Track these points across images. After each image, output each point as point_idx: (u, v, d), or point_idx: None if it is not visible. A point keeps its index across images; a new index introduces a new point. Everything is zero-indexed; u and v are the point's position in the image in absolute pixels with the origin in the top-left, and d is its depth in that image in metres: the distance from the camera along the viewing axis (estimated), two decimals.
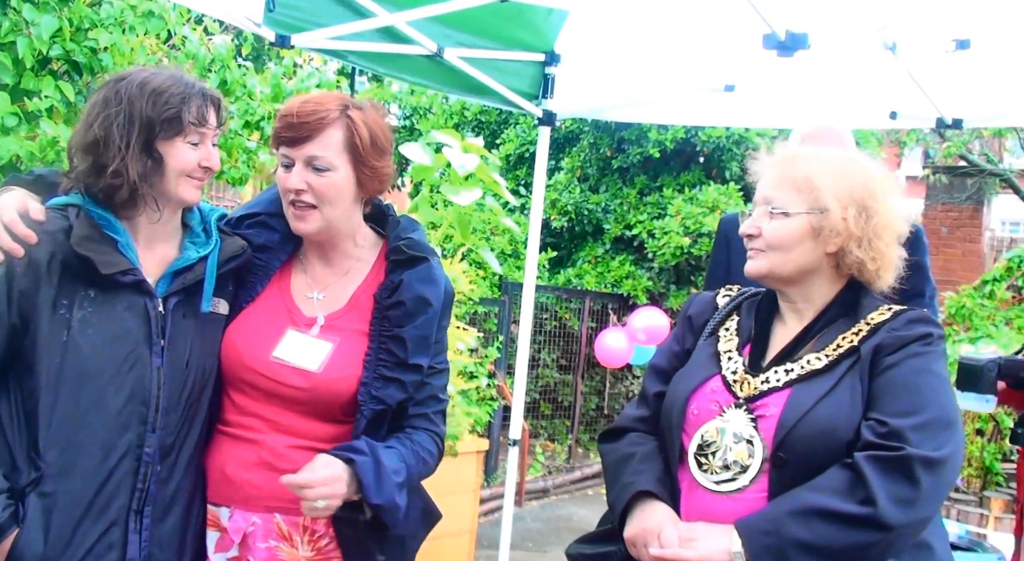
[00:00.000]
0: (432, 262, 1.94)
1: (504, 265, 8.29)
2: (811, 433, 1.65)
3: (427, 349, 1.92)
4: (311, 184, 1.85)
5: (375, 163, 1.90)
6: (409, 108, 11.63)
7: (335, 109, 1.86)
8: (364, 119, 1.88)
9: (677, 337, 1.99)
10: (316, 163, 1.85)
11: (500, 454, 7.45)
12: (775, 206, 1.77)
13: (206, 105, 1.85)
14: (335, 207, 1.88)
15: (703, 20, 3.49)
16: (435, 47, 3.58)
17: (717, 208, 8.62)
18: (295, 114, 1.85)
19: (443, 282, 1.96)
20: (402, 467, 1.83)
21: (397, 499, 1.80)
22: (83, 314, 1.75)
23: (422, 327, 1.91)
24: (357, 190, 1.91)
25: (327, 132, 1.85)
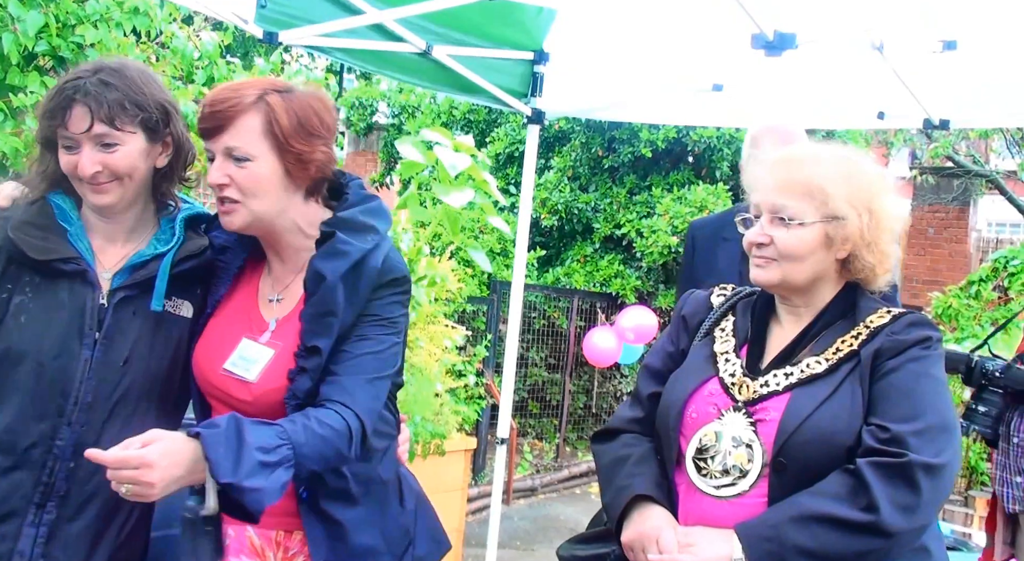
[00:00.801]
0: (339, 235, 1.76)
1: (493, 263, 8.29)
2: (812, 438, 1.64)
3: (326, 329, 1.73)
4: (232, 177, 1.73)
5: (301, 148, 1.75)
6: (398, 107, 11.61)
7: (251, 94, 1.73)
8: (285, 103, 1.74)
9: (671, 337, 1.97)
10: (234, 154, 1.72)
11: (488, 453, 7.45)
12: (789, 216, 1.73)
13: (67, 109, 1.73)
14: (262, 199, 1.75)
15: (691, 19, 3.49)
16: (424, 45, 3.57)
17: (705, 208, 8.63)
18: (209, 103, 1.74)
19: (354, 254, 1.75)
20: (278, 444, 1.59)
21: (261, 480, 1.54)
22: (21, 299, 1.73)
23: (317, 304, 1.74)
24: (286, 179, 1.76)
25: (242, 120, 1.72)
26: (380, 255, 1.79)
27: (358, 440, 1.71)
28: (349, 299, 1.75)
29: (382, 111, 12.06)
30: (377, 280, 1.78)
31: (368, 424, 1.73)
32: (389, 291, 1.80)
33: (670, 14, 3.48)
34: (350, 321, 1.76)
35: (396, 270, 1.81)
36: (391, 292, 1.80)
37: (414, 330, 4.84)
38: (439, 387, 4.74)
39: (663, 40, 3.71)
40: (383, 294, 1.79)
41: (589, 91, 4.27)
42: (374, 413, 1.77)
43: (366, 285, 1.76)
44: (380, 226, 1.83)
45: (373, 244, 1.78)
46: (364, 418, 1.72)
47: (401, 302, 1.83)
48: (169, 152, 1.86)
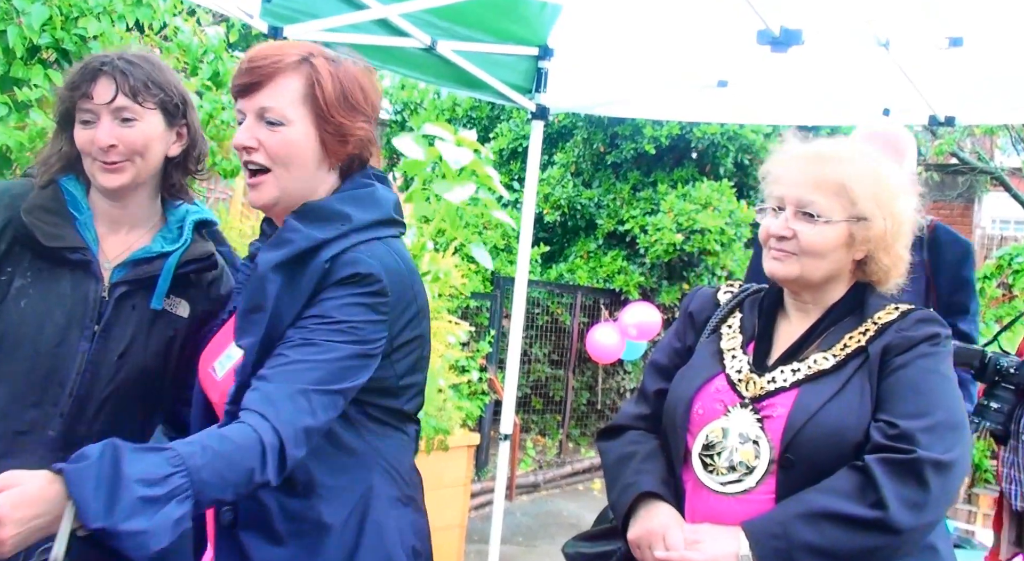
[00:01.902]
0: (289, 221, 1.58)
1: (496, 259, 8.29)
2: (819, 434, 1.63)
3: (253, 326, 1.53)
4: (262, 141, 1.58)
5: (342, 120, 1.60)
6: (400, 103, 11.60)
7: (296, 54, 1.60)
8: (332, 69, 1.61)
9: (677, 333, 1.95)
10: (268, 115, 1.58)
11: (491, 448, 7.45)
12: (817, 212, 1.72)
13: (92, 80, 1.74)
14: (293, 171, 1.60)
15: (696, 15, 3.48)
16: (428, 40, 3.57)
17: (710, 205, 8.63)
18: (248, 59, 1.60)
19: (299, 243, 1.54)
20: (168, 472, 1.31)
21: (143, 520, 1.26)
22: (22, 283, 1.72)
23: (247, 298, 1.56)
24: (321, 152, 1.61)
25: (282, 79, 1.58)
26: (337, 247, 1.54)
27: (275, 460, 1.42)
28: (287, 295, 1.52)
29: (384, 107, 12.05)
30: (325, 275, 1.53)
31: (290, 442, 1.43)
32: (346, 290, 1.53)
33: (675, 10, 3.47)
34: (289, 320, 1.52)
35: (358, 266, 1.54)
36: (349, 292, 1.53)
37: None
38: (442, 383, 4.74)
39: (668, 36, 3.71)
40: (338, 293, 1.53)
41: (593, 87, 4.26)
42: (301, 430, 1.45)
43: (310, 279, 1.53)
44: (357, 215, 1.59)
45: (333, 233, 1.55)
46: (284, 434, 1.43)
47: (367, 305, 1.54)
48: (183, 143, 1.86)
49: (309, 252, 1.54)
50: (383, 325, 1.56)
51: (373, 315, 1.54)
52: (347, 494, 1.60)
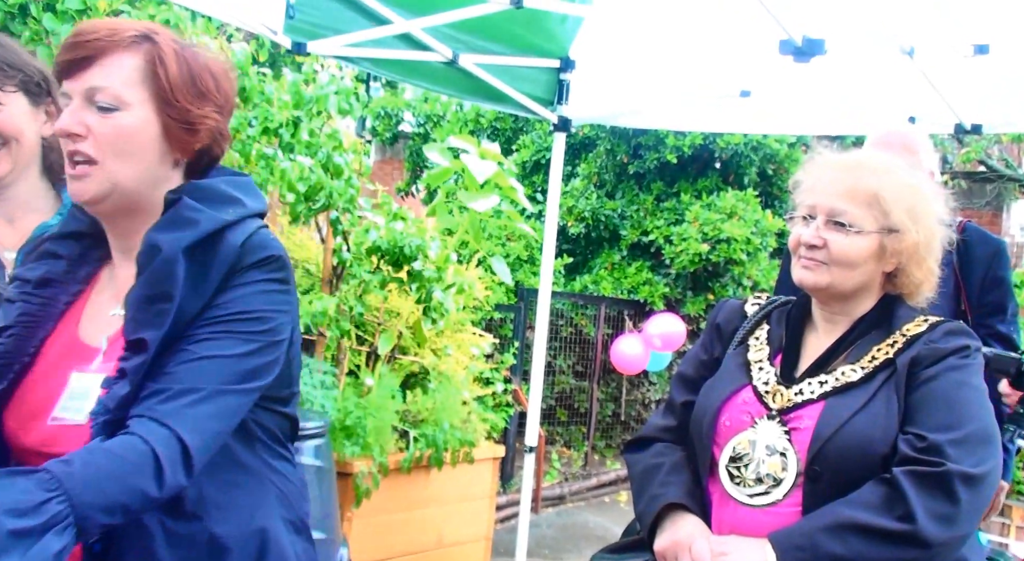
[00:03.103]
0: (186, 201, 1.35)
1: (520, 271, 8.29)
2: (846, 446, 1.62)
3: (157, 317, 1.29)
4: (92, 128, 1.34)
5: (188, 106, 1.37)
6: (423, 116, 11.66)
7: (134, 30, 1.37)
8: (178, 48, 1.39)
9: (704, 345, 1.96)
10: (98, 98, 1.34)
11: (516, 461, 7.43)
12: (849, 222, 1.71)
13: None
14: (127, 163, 1.35)
15: (718, 26, 3.48)
16: (450, 53, 3.59)
17: (735, 214, 8.59)
18: (75, 33, 1.36)
19: (207, 224, 1.33)
20: (43, 498, 1.13)
21: (16, 557, 1.10)
22: None
23: (147, 284, 1.31)
24: (163, 143, 1.38)
25: (117, 56, 1.35)
26: (242, 232, 1.36)
27: (173, 474, 1.22)
28: (195, 282, 1.32)
29: (407, 120, 12.11)
30: (237, 260, 1.34)
31: (196, 451, 1.24)
32: (256, 276, 1.35)
33: (697, 20, 3.47)
34: (194, 312, 1.32)
35: (267, 248, 1.37)
36: (259, 278, 1.35)
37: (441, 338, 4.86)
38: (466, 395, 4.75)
39: (690, 47, 3.71)
40: (247, 279, 1.34)
41: (616, 98, 4.27)
42: (209, 437, 1.27)
43: (220, 265, 1.33)
44: (248, 201, 1.41)
45: (235, 217, 1.37)
46: (189, 441, 1.24)
47: (277, 291, 1.37)
48: (53, 120, 1.77)
49: (215, 234, 1.34)
50: (289, 315, 1.41)
51: (282, 303, 1.38)
52: (243, 514, 1.38)
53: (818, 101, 3.89)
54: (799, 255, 1.76)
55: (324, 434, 3.32)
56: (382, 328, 4.50)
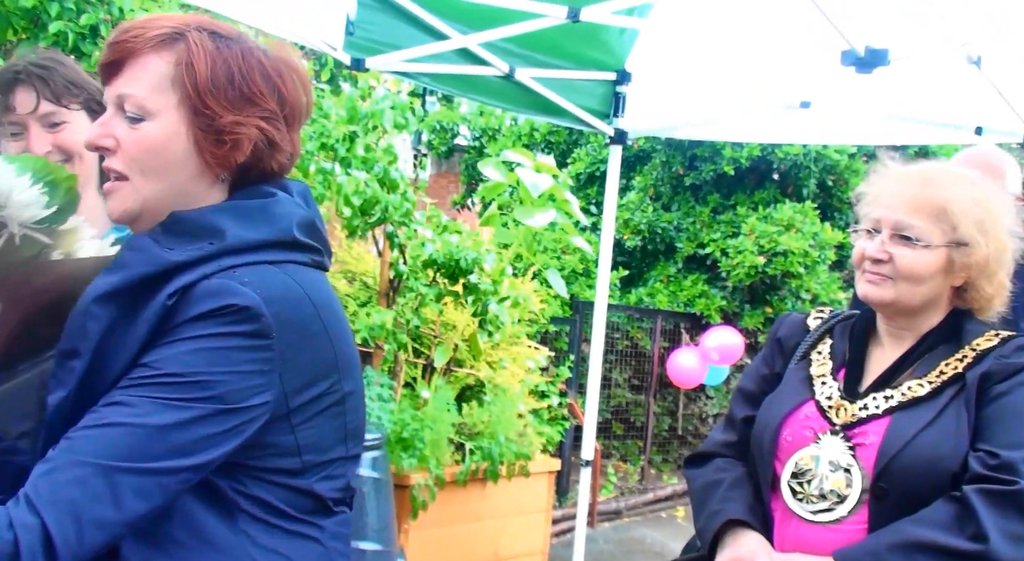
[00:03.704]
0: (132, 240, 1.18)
1: (575, 284, 8.27)
2: (914, 463, 1.58)
3: (66, 375, 1.12)
4: (120, 140, 1.19)
5: (221, 112, 1.18)
6: (478, 129, 11.73)
7: (166, 27, 1.19)
8: (214, 45, 1.19)
9: (765, 360, 1.93)
10: (126, 107, 1.19)
11: (572, 474, 7.40)
12: (915, 236, 1.67)
13: (9, 92, 1.70)
14: (153, 181, 1.19)
15: (778, 36, 3.44)
16: (507, 68, 3.61)
17: (793, 226, 8.48)
18: (114, 33, 1.21)
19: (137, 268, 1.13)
20: None
21: None
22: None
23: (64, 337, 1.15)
24: (195, 157, 1.20)
25: (144, 58, 1.18)
26: (195, 274, 1.11)
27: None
28: (116, 337, 1.10)
29: (463, 134, 12.20)
30: (165, 314, 1.10)
31: (66, 542, 1.00)
32: (199, 329, 1.09)
33: (756, 31, 3.44)
34: (118, 371, 1.10)
35: (221, 297, 1.10)
36: (203, 332, 1.09)
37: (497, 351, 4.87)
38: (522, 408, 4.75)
39: (748, 57, 3.67)
40: (184, 334, 1.09)
41: (673, 110, 4.25)
42: (89, 524, 1.02)
43: (147, 320, 1.10)
44: (235, 231, 1.16)
45: (193, 255, 1.13)
46: (55, 530, 1.00)
47: (233, 349, 1.09)
48: None
49: (152, 279, 1.12)
50: (263, 376, 1.11)
51: (243, 365, 1.10)
52: None
53: (880, 111, 3.82)
54: (863, 269, 1.73)
55: (381, 446, 3.35)
56: (438, 341, 4.52)
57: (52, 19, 3.74)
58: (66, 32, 3.74)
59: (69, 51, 3.80)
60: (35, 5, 3.72)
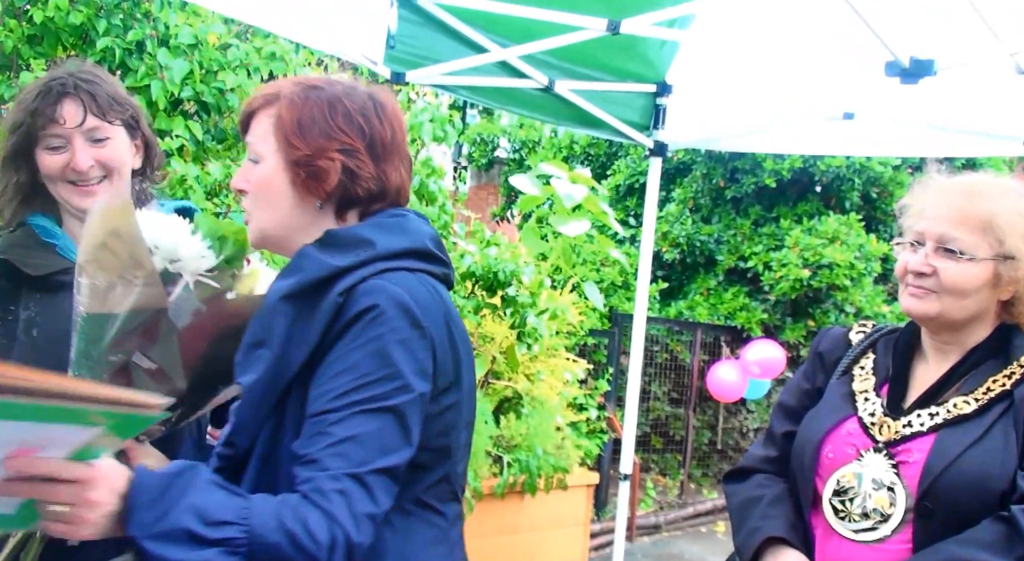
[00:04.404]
0: (304, 249, 1.41)
1: (614, 296, 8.24)
2: (960, 482, 1.55)
3: (253, 363, 1.36)
4: (249, 181, 1.48)
5: (304, 152, 1.41)
6: (518, 142, 11.77)
7: (270, 90, 1.48)
8: (301, 95, 1.44)
9: (806, 374, 1.90)
10: (250, 153, 1.49)
11: (610, 488, 7.35)
12: (960, 249, 1.65)
13: (56, 103, 1.70)
14: (267, 211, 1.45)
15: (820, 47, 3.40)
16: (546, 80, 3.61)
17: (837, 239, 8.37)
18: (244, 102, 1.54)
19: (311, 272, 1.35)
20: (229, 520, 1.21)
21: (174, 550, 1.18)
22: (28, 315, 1.70)
23: (250, 331, 1.39)
24: (291, 189, 1.43)
25: (258, 116, 1.48)
26: (353, 278, 1.34)
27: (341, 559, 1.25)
28: (297, 332, 1.33)
29: (503, 146, 12.25)
30: (337, 311, 1.32)
31: (357, 539, 1.25)
32: (372, 330, 1.31)
33: (798, 43, 3.40)
34: (298, 363, 1.33)
35: (378, 295, 1.32)
36: (376, 331, 1.31)
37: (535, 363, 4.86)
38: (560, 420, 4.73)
39: (791, 69, 3.64)
40: (362, 335, 1.31)
41: (714, 122, 4.22)
42: (368, 527, 1.27)
43: (322, 315, 1.32)
44: (382, 241, 1.39)
45: (351, 261, 1.35)
46: (352, 533, 1.25)
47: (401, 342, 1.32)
48: (141, 153, 1.86)
49: (323, 282, 1.34)
50: (427, 362, 1.35)
51: (409, 354, 1.32)
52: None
53: (925, 122, 3.76)
54: (906, 283, 1.70)
55: None
56: (476, 353, 4.52)
57: (100, 35, 3.81)
58: (113, 48, 3.81)
59: (116, 66, 3.88)
60: (83, 22, 3.80)
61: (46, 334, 1.71)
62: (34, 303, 1.72)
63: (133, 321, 1.47)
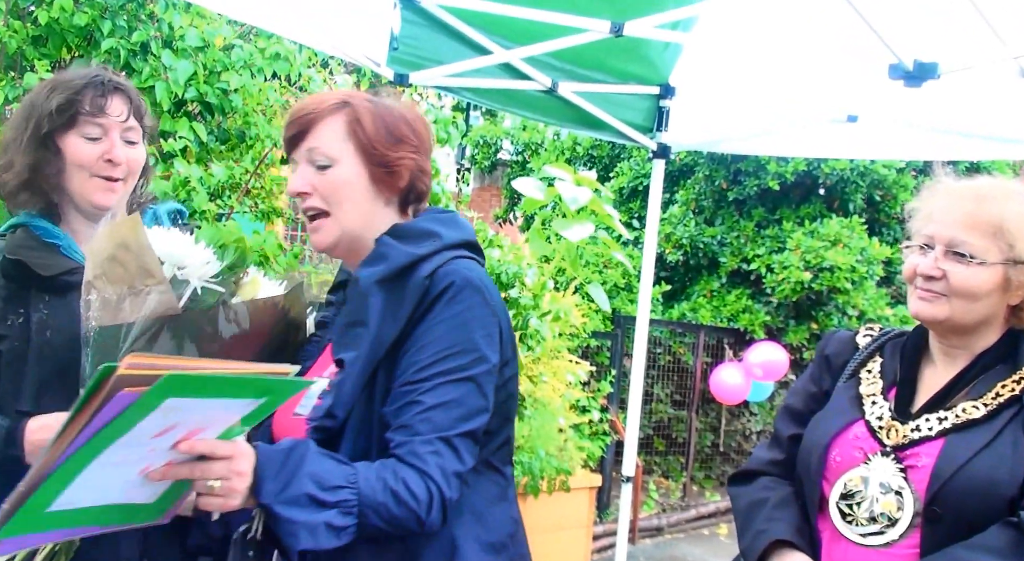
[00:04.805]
0: (383, 238, 1.60)
1: (617, 298, 8.24)
2: (969, 487, 1.54)
3: (354, 340, 1.53)
4: (315, 184, 1.61)
5: (386, 152, 1.61)
6: (521, 144, 11.76)
7: (334, 98, 1.64)
8: (371, 106, 1.63)
9: (813, 377, 1.89)
10: (315, 157, 1.60)
11: (613, 490, 7.34)
12: (970, 253, 1.64)
13: (105, 94, 1.74)
14: (348, 209, 1.61)
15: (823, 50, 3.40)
16: (549, 82, 3.60)
17: (839, 242, 8.36)
18: (292, 112, 1.66)
19: (397, 259, 1.55)
20: (341, 485, 1.40)
21: (299, 513, 1.36)
22: (40, 316, 1.72)
23: (348, 313, 1.58)
24: (372, 186, 1.62)
25: (324, 122, 1.61)
26: (432, 264, 1.54)
27: (436, 519, 1.46)
28: (390, 313, 1.52)
29: (506, 148, 12.25)
30: (423, 293, 1.52)
31: (449, 494, 1.46)
32: (452, 307, 1.51)
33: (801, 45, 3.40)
34: (391, 339, 1.51)
35: (455, 277, 1.53)
36: (456, 308, 1.51)
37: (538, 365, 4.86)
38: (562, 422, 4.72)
39: (794, 72, 3.63)
40: (444, 314, 1.51)
41: (717, 124, 4.21)
42: (456, 483, 1.48)
43: (410, 297, 1.52)
44: (446, 233, 1.61)
45: (427, 250, 1.56)
46: (445, 489, 1.46)
47: (476, 319, 1.52)
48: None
49: (407, 268, 1.54)
50: (496, 336, 1.55)
51: (483, 330, 1.52)
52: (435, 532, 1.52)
53: (930, 125, 3.75)
54: (915, 286, 1.69)
55: None
56: None
57: (104, 36, 3.82)
58: (118, 49, 3.82)
59: (120, 67, 3.88)
60: (88, 23, 3.80)
61: (60, 335, 1.72)
62: (44, 304, 1.73)
63: (148, 329, 1.53)
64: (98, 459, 1.24)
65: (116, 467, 1.28)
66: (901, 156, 7.30)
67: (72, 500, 1.27)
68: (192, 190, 3.72)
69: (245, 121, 4.27)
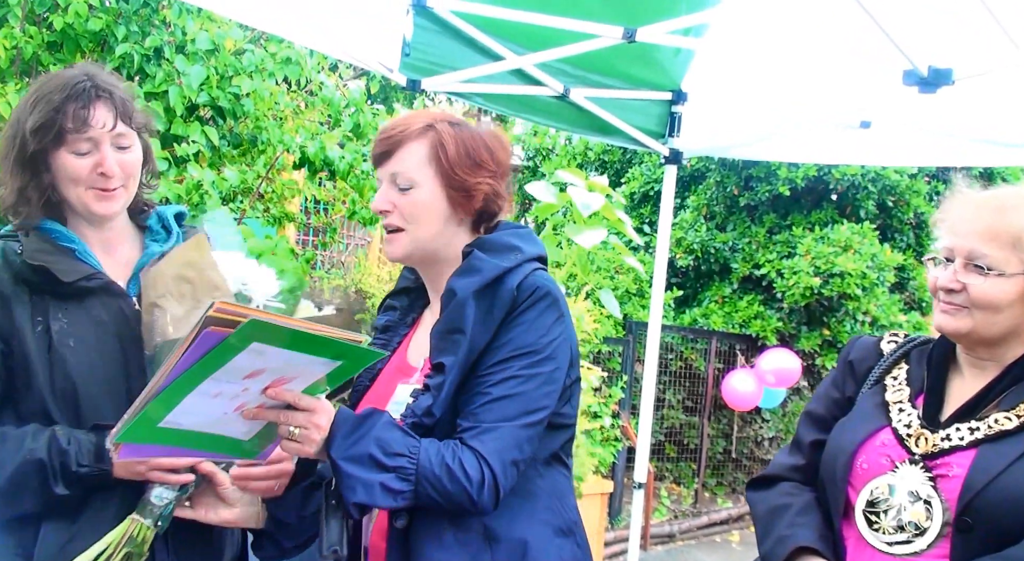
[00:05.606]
0: (475, 252, 1.71)
1: (628, 303, 8.22)
2: (1002, 499, 1.52)
3: (452, 346, 1.64)
4: (396, 203, 1.73)
5: (465, 178, 1.72)
6: (532, 149, 11.76)
7: (420, 122, 1.74)
8: (455, 131, 1.74)
9: (836, 383, 1.87)
10: (398, 180, 1.72)
11: (624, 496, 7.32)
12: (988, 265, 1.62)
13: (88, 105, 1.68)
14: (424, 227, 1.73)
15: (837, 55, 3.38)
16: (561, 88, 3.60)
17: (850, 247, 8.32)
18: (381, 131, 1.78)
19: (489, 272, 1.67)
20: (402, 452, 1.55)
21: (359, 470, 1.51)
22: (60, 326, 1.69)
23: (445, 320, 1.67)
24: (448, 208, 1.74)
25: (408, 146, 1.73)
26: (518, 276, 1.68)
27: (489, 501, 1.58)
28: (482, 320, 1.65)
29: (517, 154, 12.24)
30: (512, 302, 1.66)
31: (503, 481, 1.59)
32: (532, 313, 1.66)
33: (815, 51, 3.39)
34: (482, 344, 1.65)
35: (538, 286, 1.68)
36: (535, 314, 1.66)
37: None
38: None
39: (807, 77, 3.62)
40: (526, 318, 1.66)
41: (729, 130, 4.20)
42: (512, 470, 1.61)
43: (501, 306, 1.66)
44: (526, 248, 1.75)
45: (513, 263, 1.70)
46: (500, 480, 1.59)
47: (551, 324, 1.68)
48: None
49: (497, 279, 1.67)
50: (567, 344, 1.70)
51: (557, 334, 1.68)
52: (514, 513, 1.68)
53: (943, 130, 3.73)
54: (938, 299, 1.68)
55: None
56: None
57: (118, 42, 3.84)
58: (132, 54, 3.84)
59: (135, 72, 3.90)
60: (102, 28, 3.82)
61: (83, 342, 1.70)
62: (63, 313, 1.70)
63: None
64: (198, 389, 1.41)
65: (215, 399, 1.46)
66: (914, 162, 7.26)
67: (179, 420, 1.46)
68: (205, 194, 3.73)
69: (257, 125, 4.28)
